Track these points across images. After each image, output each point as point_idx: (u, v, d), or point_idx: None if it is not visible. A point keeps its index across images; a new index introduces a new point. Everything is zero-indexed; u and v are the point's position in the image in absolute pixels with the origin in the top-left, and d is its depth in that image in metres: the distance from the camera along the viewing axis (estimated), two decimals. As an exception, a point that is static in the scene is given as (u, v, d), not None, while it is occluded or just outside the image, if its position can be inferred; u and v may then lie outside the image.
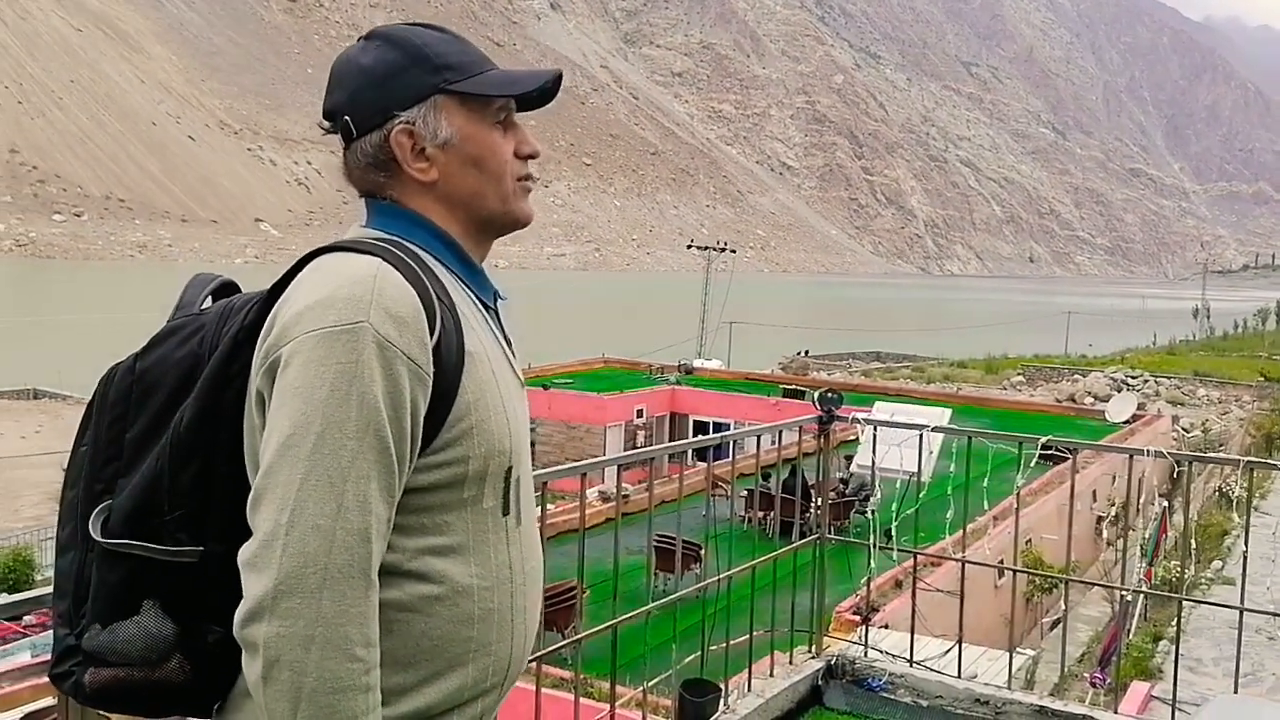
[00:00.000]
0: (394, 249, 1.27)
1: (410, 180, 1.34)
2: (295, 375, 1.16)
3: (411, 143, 1.32)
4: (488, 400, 1.28)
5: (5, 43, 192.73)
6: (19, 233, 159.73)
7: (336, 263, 1.24)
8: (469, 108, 1.34)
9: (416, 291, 1.22)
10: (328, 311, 1.17)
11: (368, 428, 1.16)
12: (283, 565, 1.12)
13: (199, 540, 1.25)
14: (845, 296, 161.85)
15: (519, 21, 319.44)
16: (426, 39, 1.36)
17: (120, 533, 1.25)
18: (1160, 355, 60.16)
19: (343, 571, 1.13)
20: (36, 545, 20.27)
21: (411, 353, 1.19)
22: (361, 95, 1.33)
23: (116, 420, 1.30)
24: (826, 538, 4.28)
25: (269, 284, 1.29)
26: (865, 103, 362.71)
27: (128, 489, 1.27)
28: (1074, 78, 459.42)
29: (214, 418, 1.25)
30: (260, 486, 1.16)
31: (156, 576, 1.24)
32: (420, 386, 1.20)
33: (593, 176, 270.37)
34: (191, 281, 1.42)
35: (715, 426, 26.87)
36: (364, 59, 1.35)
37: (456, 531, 1.26)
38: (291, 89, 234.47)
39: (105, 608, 1.25)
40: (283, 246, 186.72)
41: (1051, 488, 17.38)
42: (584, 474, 2.92)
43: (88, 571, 1.27)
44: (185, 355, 1.30)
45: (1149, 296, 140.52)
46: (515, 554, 1.32)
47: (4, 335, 62.31)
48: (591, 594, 8.54)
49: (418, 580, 1.23)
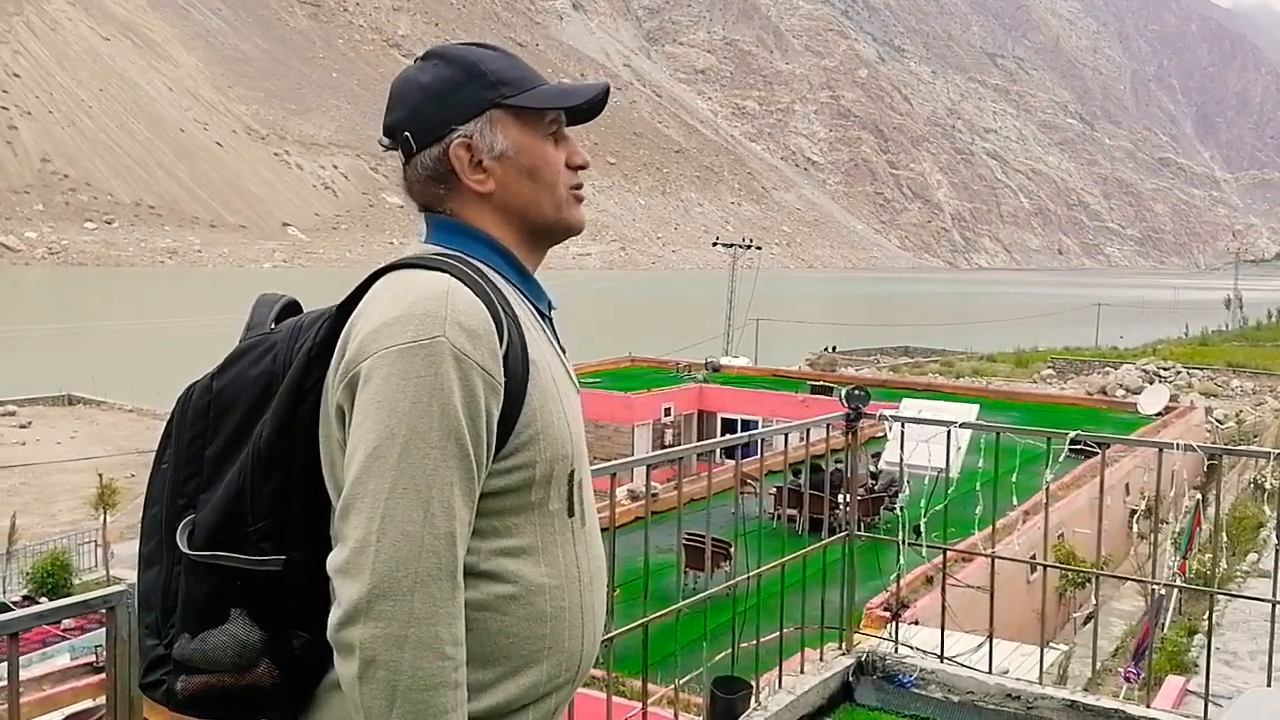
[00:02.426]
0: (459, 264, 1.32)
1: (468, 191, 1.40)
2: (378, 389, 1.22)
3: (469, 155, 1.39)
4: (550, 407, 1.33)
5: (35, 53, 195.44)
6: (51, 240, 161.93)
7: (408, 279, 1.29)
8: (523, 121, 1.41)
9: (485, 305, 1.28)
10: (405, 327, 1.23)
11: (449, 436, 1.21)
12: (376, 570, 1.18)
13: (281, 549, 1.30)
14: (872, 292, 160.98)
15: (541, 22, 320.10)
16: (481, 56, 1.42)
17: (206, 545, 1.31)
18: (1192, 346, 59.45)
19: (431, 574, 1.19)
20: (74, 549, 20.57)
21: (485, 364, 1.25)
22: (421, 111, 1.39)
23: (196, 438, 1.36)
24: (856, 535, 4.28)
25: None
26: (890, 96, 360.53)
27: (211, 503, 1.32)
28: (1101, 67, 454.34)
29: (291, 431, 1.31)
30: (349, 496, 1.22)
31: (243, 586, 1.30)
32: (493, 395, 1.26)
33: (617, 175, 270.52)
34: (258, 302, 1.47)
35: (743, 424, 26.83)
36: (423, 77, 1.41)
37: (526, 533, 1.32)
38: (317, 93, 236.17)
39: (194, 617, 1.31)
40: (310, 250, 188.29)
41: (1083, 481, 17.24)
42: (614, 474, 2.94)
43: (174, 584, 1.33)
44: (260, 373, 1.36)
45: (1180, 287, 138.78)
46: (581, 553, 1.39)
47: (39, 342, 63.22)
48: (622, 592, 8.59)
49: (492, 580, 1.29)
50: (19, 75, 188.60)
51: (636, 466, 3.70)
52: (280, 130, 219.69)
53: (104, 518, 20.76)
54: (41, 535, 21.91)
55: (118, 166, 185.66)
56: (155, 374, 41.21)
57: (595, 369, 32.64)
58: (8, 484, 27.07)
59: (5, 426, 34.26)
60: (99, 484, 21.25)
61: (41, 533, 22.35)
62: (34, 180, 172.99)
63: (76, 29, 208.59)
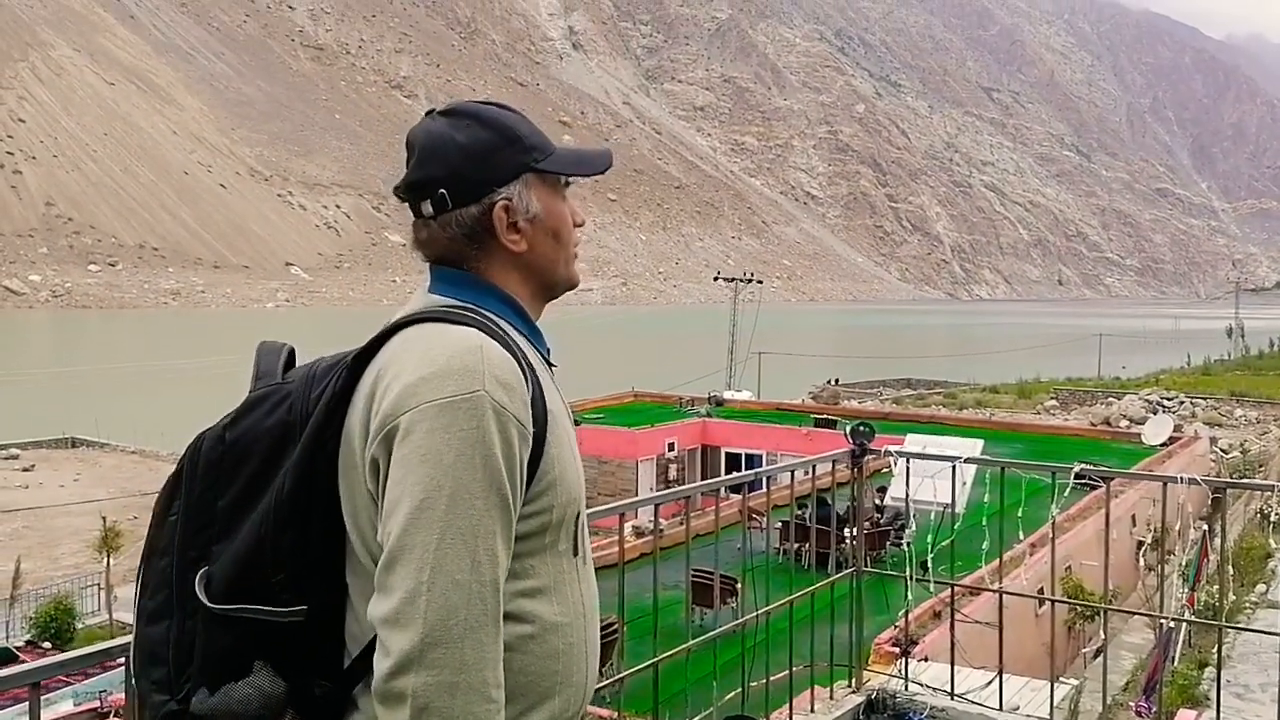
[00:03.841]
0: (478, 317, 1.37)
1: (500, 251, 1.46)
2: (421, 442, 1.25)
3: (508, 217, 1.46)
4: (565, 453, 1.39)
5: (41, 99, 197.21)
6: (55, 283, 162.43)
7: (438, 334, 1.33)
8: (547, 184, 1.50)
9: (513, 358, 1.34)
10: (445, 382, 1.27)
11: (492, 487, 1.26)
12: (429, 619, 1.21)
13: (302, 599, 1.32)
14: (874, 324, 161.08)
15: (542, 62, 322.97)
16: (512, 119, 1.49)
17: (225, 597, 1.31)
18: (1195, 376, 59.34)
19: (479, 621, 1.23)
20: (76, 594, 20.47)
21: (520, 415, 1.31)
22: (461, 171, 1.44)
23: (208, 489, 1.36)
24: (863, 570, 4.29)
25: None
26: (887, 131, 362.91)
27: (228, 555, 1.32)
28: (1097, 100, 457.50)
29: (311, 481, 1.33)
30: (396, 547, 1.24)
31: (266, 637, 1.31)
32: (525, 445, 1.32)
33: (618, 212, 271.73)
34: (263, 350, 1.48)
35: (747, 458, 26.78)
36: (460, 137, 1.45)
37: (541, 574, 1.37)
38: (319, 135, 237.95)
39: (215, 671, 1.30)
40: (313, 289, 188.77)
41: (1089, 513, 17.15)
42: (622, 513, 2.96)
43: (189, 638, 1.32)
44: (275, 424, 1.37)
45: (1181, 317, 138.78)
46: (585, 590, 1.45)
47: (42, 385, 63.26)
48: (629, 629, 8.54)
49: (515, 621, 1.33)
50: (24, 120, 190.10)
51: (644, 506, 3.72)
52: (283, 171, 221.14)
53: (107, 561, 20.67)
54: (44, 579, 21.82)
55: (122, 209, 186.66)
56: (159, 416, 41.22)
57: (598, 404, 32.61)
58: (10, 528, 27.00)
59: (8, 470, 34.24)
60: (102, 527, 21.19)
61: (44, 577, 22.26)
62: (38, 224, 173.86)
63: (81, 74, 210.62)
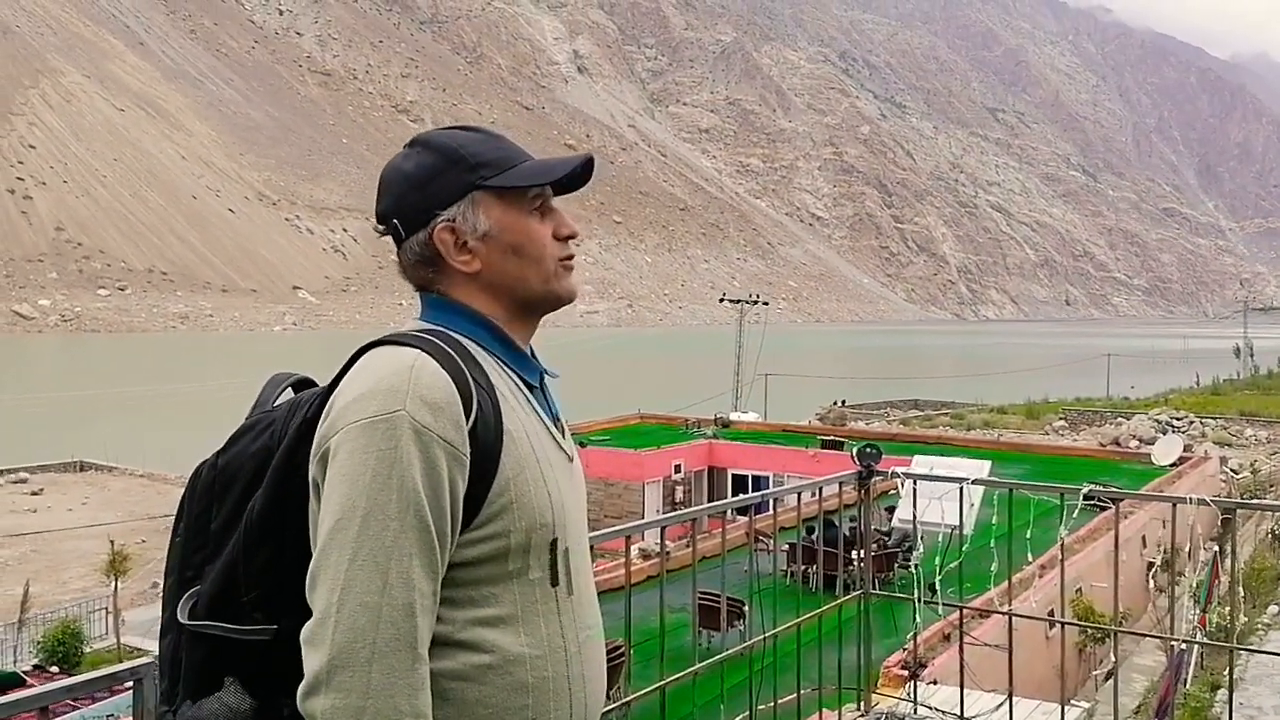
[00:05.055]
0: (436, 339, 1.37)
1: (455, 272, 1.45)
2: (342, 463, 1.27)
3: (454, 238, 1.44)
4: (527, 475, 1.36)
5: (50, 124, 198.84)
6: (64, 308, 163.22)
7: (380, 356, 1.35)
8: (505, 200, 1.46)
9: (453, 377, 1.31)
10: (369, 402, 1.28)
11: (408, 509, 1.25)
12: (335, 641, 1.21)
13: (273, 619, 1.33)
14: (880, 345, 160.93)
15: (547, 86, 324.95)
16: (461, 140, 1.47)
17: (206, 615, 1.35)
18: (1205, 395, 59.13)
19: (390, 645, 1.22)
20: (84, 617, 20.44)
21: (447, 435, 1.28)
22: (406, 199, 1.45)
23: (202, 513, 1.42)
24: (870, 593, 4.27)
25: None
26: (892, 152, 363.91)
27: (212, 574, 1.37)
28: (1102, 120, 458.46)
29: (281, 505, 1.35)
30: (314, 568, 1.26)
31: (235, 655, 1.34)
32: (458, 467, 1.29)
33: (623, 234, 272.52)
34: (269, 381, 1.52)
35: (754, 480, 26.72)
36: (406, 165, 1.47)
37: (505, 603, 1.34)
38: (327, 159, 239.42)
39: (194, 685, 1.36)
40: (320, 313, 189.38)
41: (1099, 534, 17.06)
42: (629, 536, 2.96)
43: (180, 652, 1.38)
44: (259, 449, 1.41)
45: (1190, 336, 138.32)
46: (568, 623, 1.39)
47: (52, 409, 63.45)
48: (635, 653, 8.51)
49: (470, 650, 1.31)
50: (34, 146, 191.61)
51: (649, 528, 3.71)
52: (291, 195, 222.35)
53: (115, 584, 20.67)
54: (52, 603, 21.81)
55: (131, 234, 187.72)
56: (167, 439, 41.31)
57: (604, 426, 32.61)
58: (19, 551, 27.02)
59: (17, 494, 34.28)
60: (110, 550, 21.20)
61: (52, 600, 22.25)
62: (48, 249, 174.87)
63: (91, 101, 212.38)
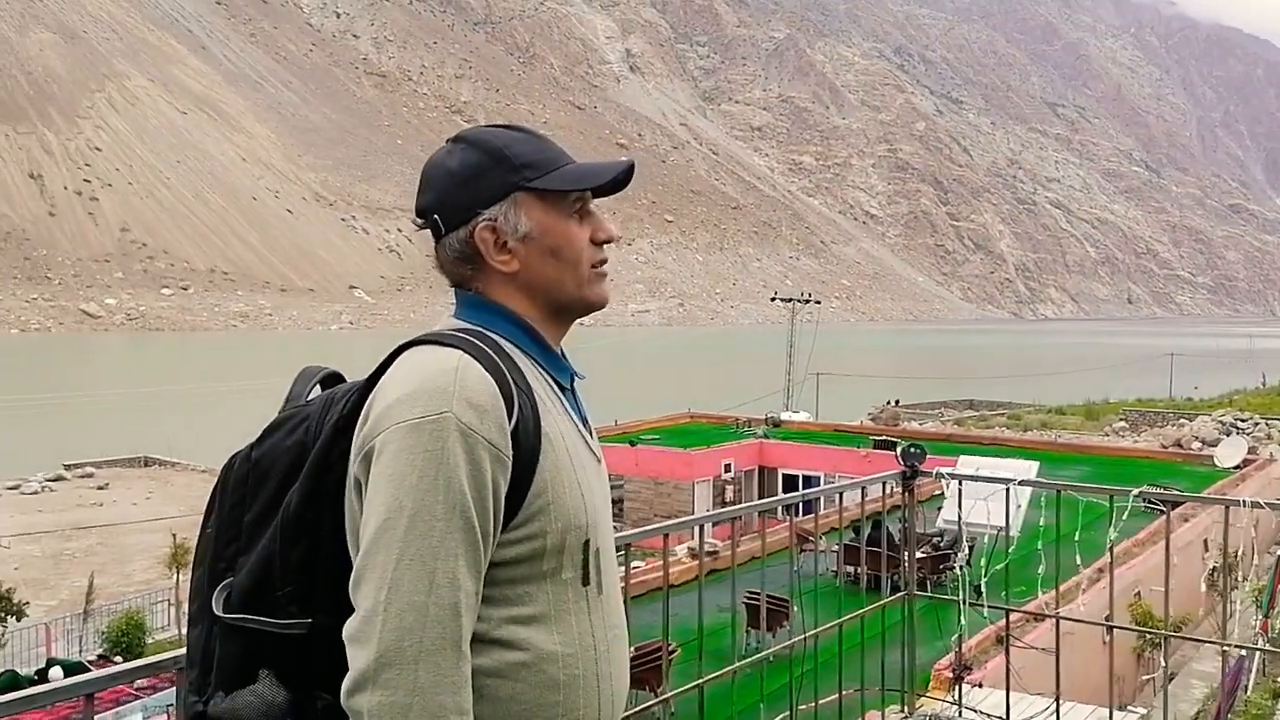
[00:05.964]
0: (476, 340, 1.38)
1: (494, 272, 1.46)
2: (388, 463, 1.28)
3: (494, 237, 1.45)
4: (563, 478, 1.38)
5: (116, 128, 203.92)
6: (130, 307, 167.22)
7: (423, 356, 1.36)
8: (547, 202, 1.47)
9: (495, 380, 1.33)
10: (415, 404, 1.29)
11: (454, 509, 1.27)
12: (383, 639, 1.23)
13: (308, 613, 1.35)
14: (935, 344, 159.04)
15: (599, 85, 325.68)
16: (506, 140, 1.48)
17: (240, 607, 1.36)
18: (1271, 396, 57.59)
19: (436, 644, 1.24)
20: (147, 609, 21.01)
21: (491, 437, 1.30)
22: (448, 196, 1.46)
23: (236, 505, 1.43)
24: (915, 594, 4.24)
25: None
26: (949, 148, 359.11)
27: (246, 567, 1.38)
28: (1165, 114, 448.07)
29: (318, 500, 1.37)
30: (360, 567, 1.28)
31: (271, 648, 1.35)
32: (500, 468, 1.31)
33: (675, 233, 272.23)
34: (300, 374, 1.54)
35: (804, 480, 26.57)
36: (450, 162, 1.47)
37: (538, 602, 1.36)
38: (382, 160, 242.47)
39: (227, 677, 1.36)
40: (376, 312, 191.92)
41: (1159, 537, 16.71)
42: (667, 534, 2.98)
43: (212, 643, 1.39)
44: (293, 444, 1.42)
45: (1256, 335, 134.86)
46: (597, 621, 1.42)
47: (117, 405, 65.09)
48: (682, 653, 8.52)
49: (504, 648, 1.34)
50: (100, 149, 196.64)
51: (689, 527, 3.73)
52: (347, 196, 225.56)
53: (177, 577, 21.19)
54: (117, 595, 22.43)
55: (193, 234, 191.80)
56: (227, 435, 42.07)
57: (655, 425, 32.63)
58: (85, 544, 27.79)
59: (84, 488, 35.28)
60: (172, 544, 21.73)
61: (117, 592, 22.89)
62: (114, 249, 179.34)
63: (155, 104, 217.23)
